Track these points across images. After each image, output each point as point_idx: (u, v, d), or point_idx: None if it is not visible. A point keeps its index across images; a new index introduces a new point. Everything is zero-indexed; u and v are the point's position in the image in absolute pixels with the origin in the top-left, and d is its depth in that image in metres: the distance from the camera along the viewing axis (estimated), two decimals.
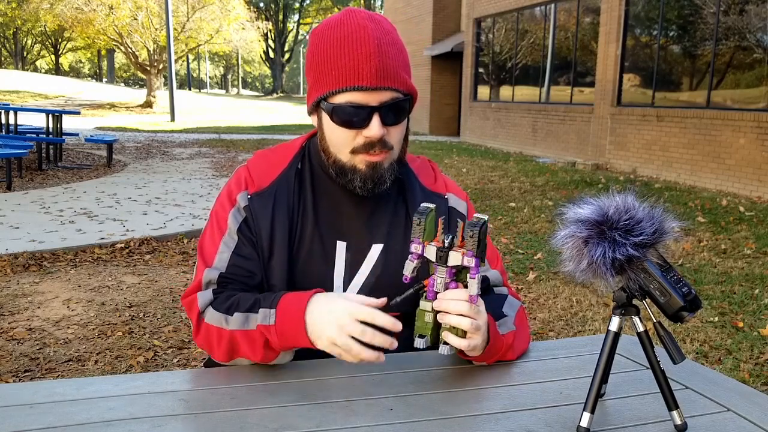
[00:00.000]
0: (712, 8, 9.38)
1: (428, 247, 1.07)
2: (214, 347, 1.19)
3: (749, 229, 6.29)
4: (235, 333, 1.15)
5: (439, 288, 1.08)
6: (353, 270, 1.26)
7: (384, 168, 1.21)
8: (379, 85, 1.14)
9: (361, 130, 1.16)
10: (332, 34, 1.17)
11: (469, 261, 1.04)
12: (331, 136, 1.20)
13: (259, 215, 1.24)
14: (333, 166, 1.23)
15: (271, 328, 1.12)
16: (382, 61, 1.14)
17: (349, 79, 1.14)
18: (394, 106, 1.17)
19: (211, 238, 1.26)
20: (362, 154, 1.18)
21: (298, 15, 61.45)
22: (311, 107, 1.24)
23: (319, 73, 1.18)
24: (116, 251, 5.07)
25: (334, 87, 1.15)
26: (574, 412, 0.96)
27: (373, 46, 1.14)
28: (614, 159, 11.23)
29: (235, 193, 1.26)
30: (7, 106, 10.42)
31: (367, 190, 1.21)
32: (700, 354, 3.31)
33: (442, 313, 1.07)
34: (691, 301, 0.89)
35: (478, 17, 16.54)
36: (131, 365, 3.06)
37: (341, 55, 1.14)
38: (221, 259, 1.23)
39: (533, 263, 5.02)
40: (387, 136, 1.18)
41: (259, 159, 1.32)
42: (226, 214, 1.25)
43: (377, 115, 1.15)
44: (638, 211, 0.90)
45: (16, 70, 45.82)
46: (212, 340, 1.19)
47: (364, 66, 1.13)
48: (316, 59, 1.19)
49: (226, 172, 9.92)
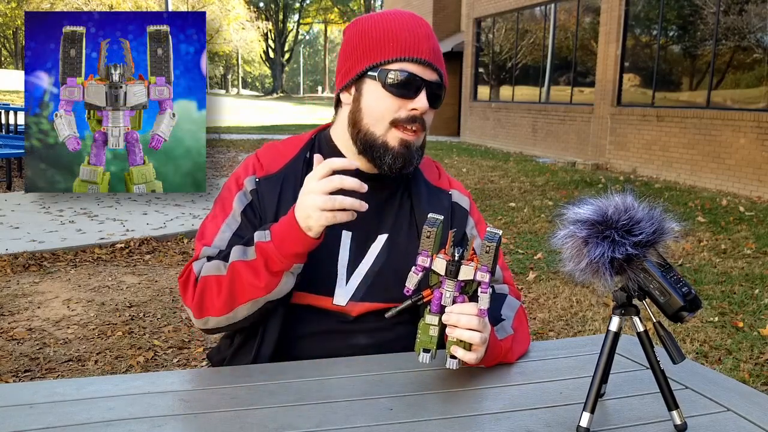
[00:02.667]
0: (712, 8, 9.37)
1: (436, 260, 1.05)
2: (214, 297, 1.17)
3: (749, 229, 6.28)
4: (235, 264, 1.14)
5: (447, 302, 1.06)
6: (357, 259, 1.27)
7: (414, 149, 1.24)
8: (433, 63, 1.22)
9: (408, 101, 1.21)
10: (387, 17, 1.25)
11: (482, 276, 1.03)
12: (373, 105, 1.23)
13: (265, 198, 1.25)
14: (362, 141, 1.24)
15: (269, 243, 1.11)
16: (435, 44, 1.24)
17: (410, 50, 1.21)
18: (437, 88, 1.23)
19: (213, 220, 1.27)
20: (400, 129, 1.22)
21: (298, 15, 61.46)
22: (351, 80, 1.25)
23: (373, 45, 1.23)
24: (116, 251, 5.07)
25: (392, 55, 1.21)
26: (574, 412, 0.96)
27: (429, 30, 1.25)
28: (614, 159, 11.23)
29: (242, 177, 1.28)
30: (7, 106, 10.43)
31: (396, 168, 1.23)
32: (700, 354, 3.31)
33: (450, 327, 1.07)
34: (691, 301, 0.89)
35: (478, 17, 16.54)
36: (131, 365, 3.06)
37: (401, 29, 1.22)
38: (221, 238, 1.23)
39: (533, 263, 5.02)
40: (425, 115, 1.23)
41: (269, 148, 1.34)
42: (232, 197, 1.27)
43: (426, 90, 1.21)
44: (637, 210, 0.90)
45: (16, 70, 45.83)
46: (211, 291, 1.17)
47: (423, 42, 1.22)
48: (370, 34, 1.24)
49: (226, 172, 9.92)
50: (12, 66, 52.11)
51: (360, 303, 1.26)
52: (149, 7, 25.69)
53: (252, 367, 1.18)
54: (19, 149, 8.02)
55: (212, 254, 1.21)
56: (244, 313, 1.17)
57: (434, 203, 1.32)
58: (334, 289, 1.26)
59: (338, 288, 1.26)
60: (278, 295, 1.16)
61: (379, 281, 1.26)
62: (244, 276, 1.14)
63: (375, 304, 1.26)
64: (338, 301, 1.25)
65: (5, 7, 35.02)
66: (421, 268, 1.05)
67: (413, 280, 1.05)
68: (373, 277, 1.27)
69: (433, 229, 1.04)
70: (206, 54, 1.49)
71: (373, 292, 1.26)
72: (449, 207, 1.34)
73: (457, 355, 1.07)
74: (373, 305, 1.26)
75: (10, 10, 34.92)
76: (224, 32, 28.29)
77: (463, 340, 1.06)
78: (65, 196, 1.88)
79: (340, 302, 1.25)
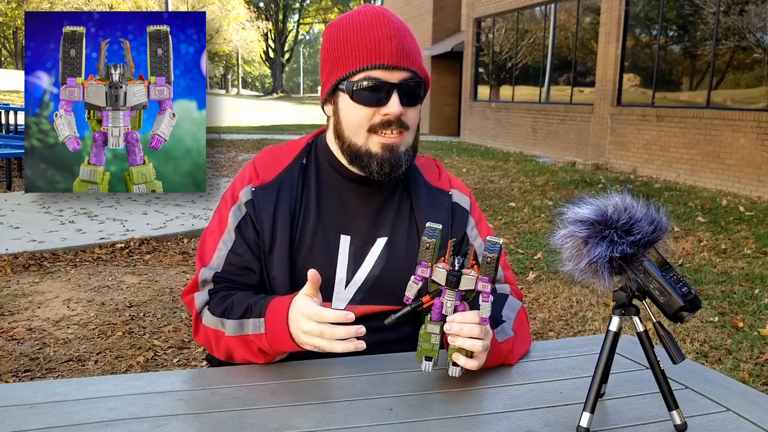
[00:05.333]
0: (712, 8, 9.37)
1: (437, 270, 1.05)
2: (213, 348, 1.23)
3: (749, 229, 6.28)
4: (231, 340, 1.18)
5: (449, 311, 1.06)
6: (357, 263, 1.27)
7: (400, 151, 1.23)
8: (399, 64, 1.19)
9: (380, 108, 1.19)
10: (351, 21, 1.22)
11: (484, 286, 1.03)
12: (348, 117, 1.22)
13: (262, 207, 1.25)
14: (348, 152, 1.24)
15: (262, 336, 1.14)
16: (402, 42, 1.20)
17: (371, 58, 1.18)
18: (413, 86, 1.21)
19: (211, 236, 1.28)
20: (378, 134, 1.20)
21: (298, 15, 61.44)
22: (327, 95, 1.26)
23: (338, 57, 1.21)
24: (116, 251, 5.07)
25: (355, 66, 1.19)
26: (574, 412, 0.96)
27: (393, 29, 1.20)
28: (614, 159, 11.23)
29: (238, 189, 1.29)
30: (7, 106, 10.42)
31: (384, 174, 1.22)
32: (700, 354, 3.31)
33: (453, 336, 1.07)
34: (691, 301, 0.89)
35: (478, 17, 16.53)
36: (131, 365, 3.06)
37: (362, 36, 1.19)
38: (218, 257, 1.25)
39: (533, 263, 5.02)
40: (404, 116, 1.21)
41: (266, 154, 1.34)
42: (228, 212, 1.28)
43: (396, 93, 1.19)
44: (637, 210, 0.90)
45: (16, 70, 45.82)
46: (211, 341, 1.22)
47: (385, 45, 1.18)
48: (335, 45, 1.22)
49: (225, 172, 9.91)
50: (12, 66, 52.09)
51: (360, 306, 1.26)
52: (149, 7, 25.70)
53: (252, 367, 1.18)
54: (19, 149, 8.02)
55: (209, 278, 1.24)
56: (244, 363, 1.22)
57: (434, 204, 1.31)
58: (332, 295, 1.26)
59: (337, 293, 1.26)
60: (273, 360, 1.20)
61: (379, 285, 1.26)
62: (239, 351, 1.18)
63: (375, 306, 1.26)
64: (337, 306, 1.26)
65: (5, 7, 35.02)
66: (421, 278, 1.05)
67: (413, 290, 1.06)
68: (373, 281, 1.27)
69: (432, 240, 1.04)
70: (206, 54, 1.49)
71: (373, 295, 1.26)
72: (449, 207, 1.33)
73: (459, 363, 1.07)
74: (373, 308, 1.26)
75: (10, 10, 34.92)
76: (224, 32, 28.30)
77: (465, 348, 1.06)
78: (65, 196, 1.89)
79: (339, 307, 1.25)
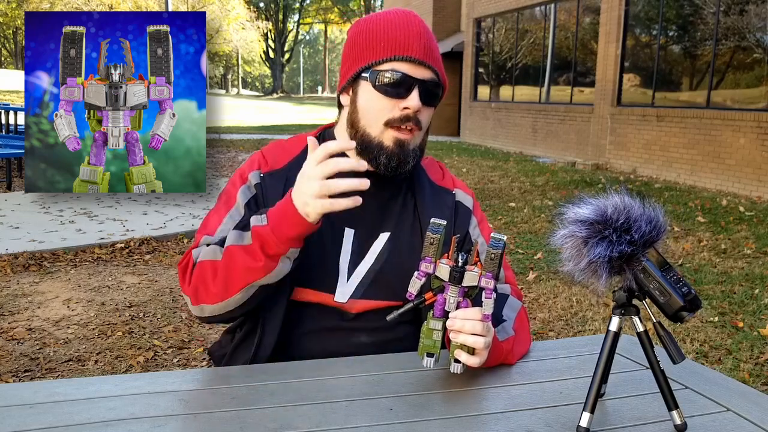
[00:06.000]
0: (712, 8, 9.37)
1: (440, 266, 1.05)
2: (209, 283, 1.16)
3: (749, 229, 6.28)
4: (231, 248, 1.14)
5: (451, 307, 1.07)
6: (359, 256, 1.27)
7: (410, 149, 1.23)
8: (425, 61, 1.21)
9: (400, 101, 1.20)
10: (381, 17, 1.25)
11: (487, 282, 1.03)
12: (367, 106, 1.23)
13: (269, 192, 1.25)
14: (360, 141, 1.24)
15: (265, 227, 1.11)
16: (429, 43, 1.23)
17: (400, 49, 1.20)
18: (433, 87, 1.23)
19: (217, 212, 1.27)
20: (394, 128, 1.21)
21: (298, 15, 61.44)
22: (348, 82, 1.27)
23: (365, 47, 1.23)
24: (116, 251, 5.07)
25: (383, 56, 1.21)
26: (574, 412, 0.96)
27: (423, 28, 1.24)
28: (614, 159, 11.23)
29: (247, 172, 1.29)
30: (7, 106, 10.43)
31: (391, 168, 1.23)
32: (700, 354, 3.31)
33: (454, 332, 1.07)
34: (691, 301, 0.89)
35: (478, 17, 16.54)
36: (131, 365, 3.06)
37: (392, 29, 1.22)
38: (224, 229, 1.23)
39: (533, 263, 5.02)
40: (420, 114, 1.22)
41: (274, 146, 1.35)
42: (236, 190, 1.27)
43: (417, 89, 1.20)
44: (636, 209, 0.90)
45: (16, 70, 45.82)
46: (206, 277, 1.16)
47: (414, 41, 1.21)
48: (363, 36, 1.24)
49: (226, 172, 9.91)
50: (12, 66, 52.10)
51: (360, 300, 1.26)
52: (149, 7, 25.71)
53: (252, 367, 1.18)
54: (19, 149, 8.02)
55: (212, 242, 1.21)
56: (239, 299, 1.15)
57: (438, 202, 1.32)
58: (335, 286, 1.26)
59: (339, 285, 1.26)
60: (274, 279, 1.14)
61: (380, 279, 1.27)
62: (240, 259, 1.13)
63: (376, 301, 1.26)
64: (339, 298, 1.26)
65: (5, 7, 35.02)
66: (424, 274, 1.05)
67: (416, 286, 1.06)
68: (375, 275, 1.27)
69: (436, 236, 1.04)
70: (206, 54, 1.49)
71: (374, 289, 1.27)
72: (453, 206, 1.34)
73: (461, 359, 1.07)
74: (374, 303, 1.26)
75: (10, 10, 34.93)
76: (224, 32, 28.31)
77: (467, 344, 1.06)
78: (65, 196, 1.89)
79: (341, 299, 1.26)
